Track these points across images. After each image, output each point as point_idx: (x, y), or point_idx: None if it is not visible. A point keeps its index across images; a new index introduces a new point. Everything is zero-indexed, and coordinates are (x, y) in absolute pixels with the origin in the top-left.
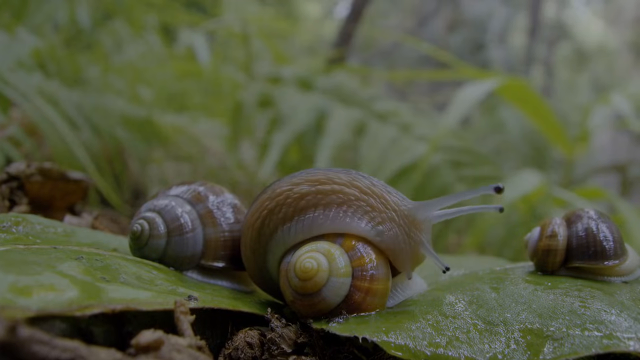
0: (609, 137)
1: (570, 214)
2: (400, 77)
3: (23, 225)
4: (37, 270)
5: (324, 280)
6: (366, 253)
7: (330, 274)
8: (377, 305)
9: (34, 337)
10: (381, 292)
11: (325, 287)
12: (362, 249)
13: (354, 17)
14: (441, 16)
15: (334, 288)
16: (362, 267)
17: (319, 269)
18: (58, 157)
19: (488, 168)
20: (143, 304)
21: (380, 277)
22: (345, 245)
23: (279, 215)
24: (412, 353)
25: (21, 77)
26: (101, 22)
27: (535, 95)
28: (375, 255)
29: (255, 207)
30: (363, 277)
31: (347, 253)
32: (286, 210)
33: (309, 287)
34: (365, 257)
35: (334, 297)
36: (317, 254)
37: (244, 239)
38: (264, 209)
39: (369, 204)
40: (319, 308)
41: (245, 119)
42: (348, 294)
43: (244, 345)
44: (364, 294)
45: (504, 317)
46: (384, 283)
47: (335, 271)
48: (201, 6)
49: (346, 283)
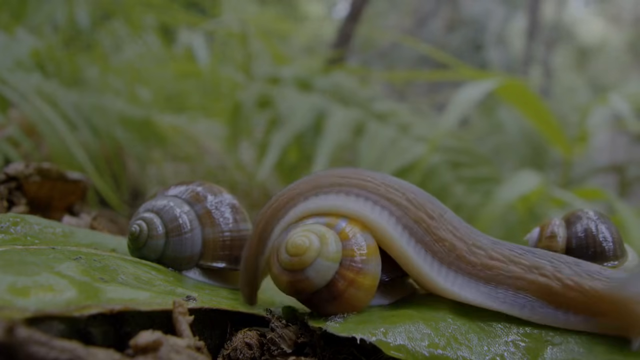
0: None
1: (570, 214)
2: (399, 77)
3: (21, 226)
4: (36, 270)
5: (311, 260)
6: (359, 245)
7: (319, 255)
8: (359, 299)
9: (32, 338)
10: (366, 287)
11: (311, 267)
12: (358, 240)
13: (353, 17)
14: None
15: (320, 270)
16: (352, 258)
17: (309, 248)
18: (57, 157)
19: (487, 168)
20: (141, 304)
21: (368, 272)
22: (342, 234)
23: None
24: (411, 354)
25: (20, 77)
26: (100, 23)
27: (533, 96)
28: (369, 250)
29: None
30: (351, 267)
31: (341, 241)
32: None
33: (296, 263)
34: (357, 250)
35: (318, 280)
36: (311, 234)
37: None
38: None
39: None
40: (301, 287)
41: (244, 119)
42: (332, 280)
43: (243, 345)
44: (347, 284)
45: (503, 319)
46: (370, 279)
47: (325, 254)
48: (200, 7)
49: (333, 268)
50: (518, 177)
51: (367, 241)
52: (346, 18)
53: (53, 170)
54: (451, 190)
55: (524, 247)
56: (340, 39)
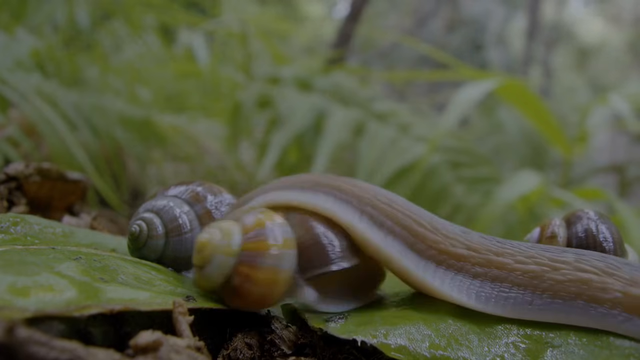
0: (607, 138)
1: (570, 214)
2: (399, 77)
3: (21, 226)
4: (36, 270)
5: (210, 256)
6: (263, 238)
7: (218, 251)
8: (260, 295)
9: (32, 338)
10: (263, 282)
11: (211, 263)
12: (263, 233)
13: (353, 17)
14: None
15: (218, 266)
16: (250, 252)
17: (209, 243)
18: (57, 157)
19: (487, 168)
20: (142, 304)
21: (265, 266)
22: (247, 227)
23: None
24: (412, 355)
25: (20, 77)
26: (100, 23)
27: (533, 96)
28: (273, 245)
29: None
30: (247, 262)
31: (243, 235)
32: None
33: (199, 259)
34: (259, 243)
35: (217, 276)
36: (215, 229)
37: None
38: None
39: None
40: (204, 284)
41: (244, 119)
42: (230, 275)
43: (243, 346)
44: (242, 279)
45: (503, 320)
46: (268, 274)
47: (223, 249)
48: (200, 7)
49: (230, 263)
50: (518, 177)
51: (279, 234)
52: (346, 18)
53: (53, 170)
54: (451, 190)
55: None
56: (340, 39)
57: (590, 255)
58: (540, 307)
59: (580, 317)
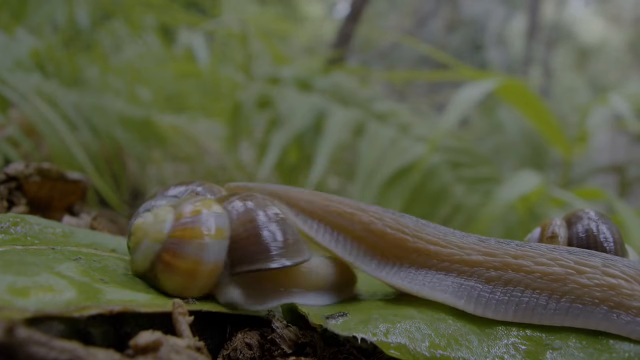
0: (607, 138)
1: (570, 214)
2: (399, 77)
3: (21, 226)
4: (35, 271)
5: (140, 240)
6: (192, 226)
7: (146, 236)
8: (181, 285)
9: (32, 338)
10: (184, 271)
11: (138, 248)
12: (193, 220)
13: (353, 17)
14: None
15: (144, 251)
16: (174, 240)
17: (140, 227)
18: (57, 157)
19: (487, 168)
20: (141, 305)
21: (186, 255)
22: (180, 214)
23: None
24: (412, 354)
25: (20, 77)
26: (100, 23)
27: (533, 96)
28: (203, 235)
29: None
30: (171, 249)
31: (175, 221)
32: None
33: (131, 242)
34: (185, 231)
35: (143, 261)
36: (149, 213)
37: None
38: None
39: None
40: (134, 267)
41: (244, 119)
42: (154, 262)
43: (243, 346)
44: (163, 266)
45: (503, 322)
46: (189, 263)
47: (151, 235)
48: (200, 7)
49: (155, 249)
50: (518, 177)
51: (212, 224)
52: (346, 18)
53: (53, 170)
54: (451, 190)
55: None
56: (340, 39)
57: (620, 261)
58: (555, 311)
59: (600, 322)
